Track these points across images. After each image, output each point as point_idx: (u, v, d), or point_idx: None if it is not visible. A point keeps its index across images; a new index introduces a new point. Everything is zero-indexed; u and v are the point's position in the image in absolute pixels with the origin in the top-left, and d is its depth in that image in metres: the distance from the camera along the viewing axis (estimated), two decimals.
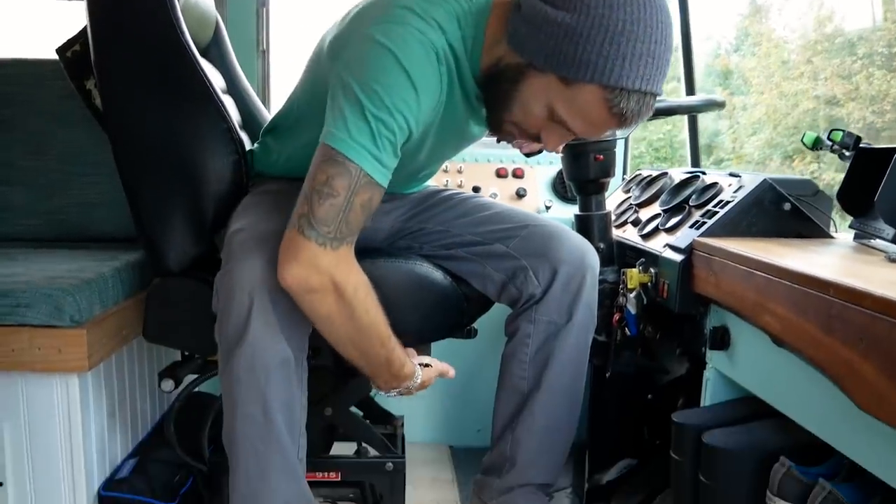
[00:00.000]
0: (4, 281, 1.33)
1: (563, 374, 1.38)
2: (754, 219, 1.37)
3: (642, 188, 1.88)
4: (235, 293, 1.12)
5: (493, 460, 1.44)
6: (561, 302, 1.35)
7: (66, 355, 1.28)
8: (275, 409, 1.14)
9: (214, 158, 1.38)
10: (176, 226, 1.38)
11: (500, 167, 2.22)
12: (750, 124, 5.51)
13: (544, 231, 1.39)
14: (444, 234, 1.45)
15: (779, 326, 1.06)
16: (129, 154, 1.36)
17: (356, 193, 1.07)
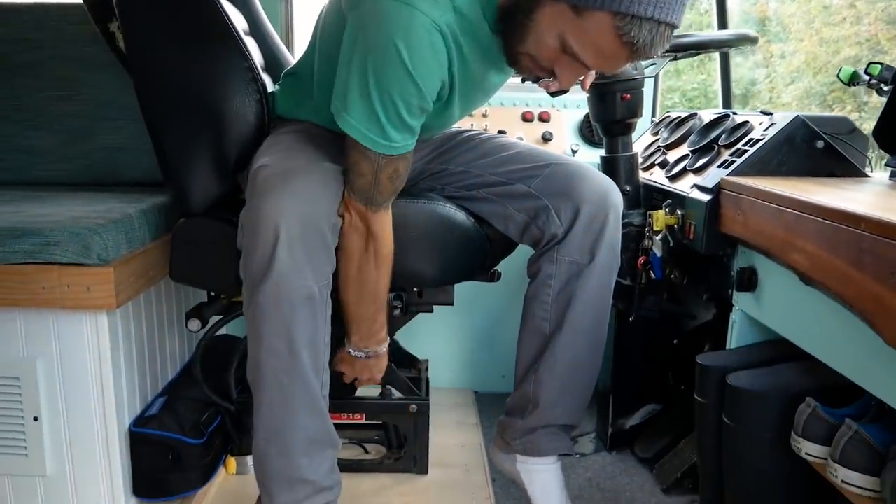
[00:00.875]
0: (34, 220, 1.35)
1: (586, 314, 1.37)
2: (785, 157, 1.34)
3: (671, 130, 1.83)
4: (261, 228, 1.12)
5: (516, 401, 1.45)
6: (583, 242, 1.34)
7: (94, 293, 1.30)
8: (299, 344, 1.16)
9: (236, 99, 1.37)
10: (199, 166, 1.38)
11: (526, 111, 2.18)
12: (788, 73, 5.34)
13: (567, 170, 1.37)
14: (466, 174, 1.43)
15: (807, 264, 1.04)
16: (153, 95, 1.36)
17: (380, 171, 1.19)
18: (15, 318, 1.35)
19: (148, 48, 1.34)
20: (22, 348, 1.36)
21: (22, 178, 1.85)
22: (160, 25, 1.32)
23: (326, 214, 1.17)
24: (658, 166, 1.72)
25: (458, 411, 2.08)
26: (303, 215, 1.12)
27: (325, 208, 1.17)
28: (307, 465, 1.22)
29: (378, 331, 1.36)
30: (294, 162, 1.21)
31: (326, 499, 1.25)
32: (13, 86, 1.84)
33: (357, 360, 1.38)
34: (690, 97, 5.35)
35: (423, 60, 1.11)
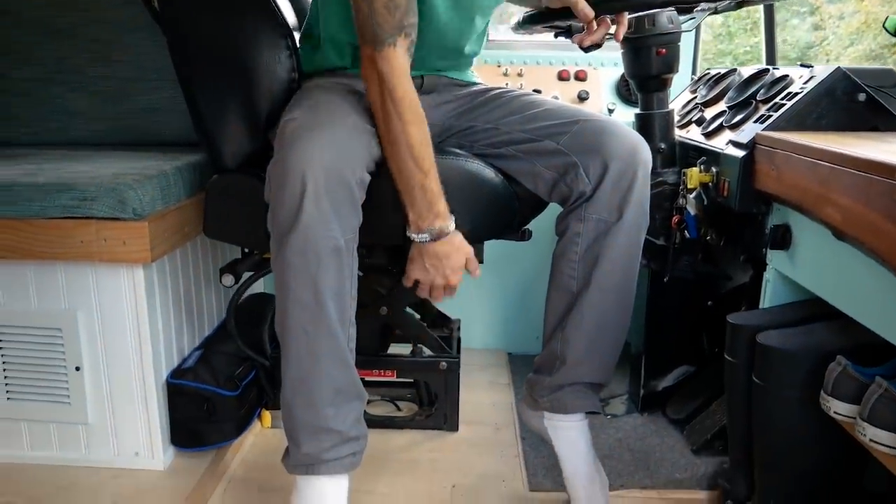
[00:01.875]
0: (72, 176, 1.39)
1: (614, 272, 1.34)
2: (825, 111, 1.29)
3: (709, 87, 1.78)
4: (287, 180, 1.12)
5: (544, 359, 1.44)
6: (611, 199, 1.31)
7: (130, 247, 1.34)
8: (325, 295, 1.16)
9: (267, 55, 1.38)
10: (232, 123, 1.40)
11: (562, 69, 2.14)
12: (847, 35, 5.14)
13: (596, 126, 1.34)
14: (494, 132, 1.42)
15: (841, 218, 1.01)
16: (186, 53, 1.38)
17: None
18: (56, 271, 1.40)
19: (181, 5, 1.35)
20: (63, 300, 1.42)
21: (61, 139, 1.91)
22: None
23: (353, 168, 1.16)
24: (695, 124, 1.68)
25: (490, 371, 2.09)
26: (329, 168, 1.12)
27: (352, 162, 1.17)
28: (333, 415, 1.23)
29: (433, 201, 1.24)
30: (321, 116, 1.21)
31: (352, 449, 1.26)
32: (53, 49, 1.88)
33: (425, 251, 1.28)
34: (742, 61, 5.19)
35: None
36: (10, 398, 1.48)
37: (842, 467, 1.19)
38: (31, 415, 1.48)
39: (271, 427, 1.73)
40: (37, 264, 1.40)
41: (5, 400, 1.48)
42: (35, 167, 1.51)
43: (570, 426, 1.41)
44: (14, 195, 1.34)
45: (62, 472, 1.48)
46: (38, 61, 1.89)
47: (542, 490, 1.50)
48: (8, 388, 1.47)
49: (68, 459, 1.50)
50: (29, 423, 1.50)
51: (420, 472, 1.56)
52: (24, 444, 1.51)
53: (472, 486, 1.51)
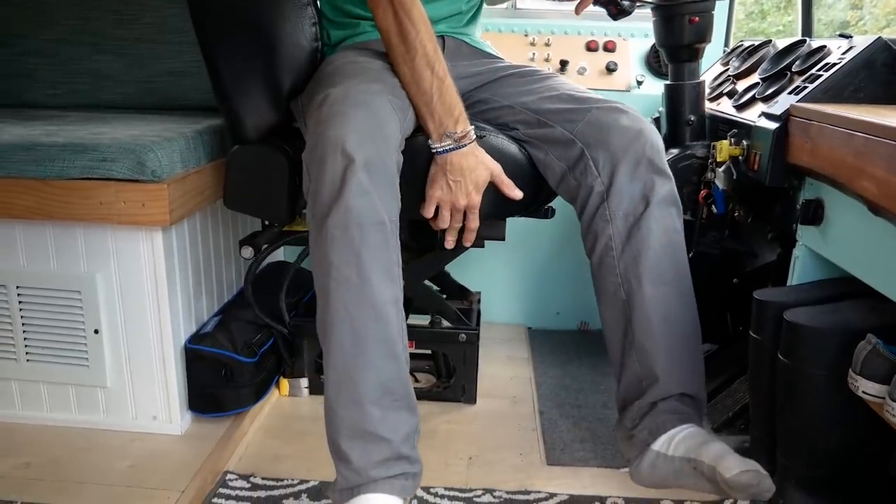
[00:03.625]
0: (92, 138, 1.39)
1: (660, 263, 1.24)
2: (863, 83, 1.24)
3: (742, 59, 1.73)
4: (328, 158, 1.08)
5: (626, 388, 1.27)
6: (631, 190, 1.24)
7: (149, 209, 1.33)
8: (369, 269, 1.08)
9: (290, 25, 1.36)
10: (253, 93, 1.37)
11: (590, 40, 2.09)
12: (884, 15, 4.99)
13: (606, 115, 1.28)
14: (509, 110, 1.38)
15: (876, 191, 0.97)
16: (206, 19, 1.35)
17: None
18: (76, 234, 1.40)
19: None
20: (83, 263, 1.42)
21: (88, 101, 1.91)
22: None
23: (390, 150, 1.12)
24: (726, 96, 1.63)
25: (509, 345, 2.08)
26: (369, 151, 1.08)
27: (389, 143, 1.13)
28: (380, 418, 1.10)
29: (452, 103, 1.23)
30: (356, 94, 1.16)
31: (404, 468, 1.12)
32: (81, 10, 1.88)
33: (448, 163, 1.24)
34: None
35: None
36: (29, 360, 1.49)
37: (867, 449, 1.15)
38: (50, 377, 1.49)
39: (289, 395, 1.73)
40: (56, 225, 1.40)
41: (25, 361, 1.49)
42: (56, 128, 1.51)
43: (680, 437, 1.19)
44: (35, 154, 1.34)
45: (80, 434, 1.49)
46: (64, 23, 1.89)
47: (560, 464, 1.48)
48: (28, 350, 1.48)
49: (87, 422, 1.51)
50: (48, 385, 1.51)
51: (437, 444, 1.55)
52: (44, 406, 1.52)
53: (489, 458, 1.50)
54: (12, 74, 1.92)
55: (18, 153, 1.34)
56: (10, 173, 1.34)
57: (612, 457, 1.50)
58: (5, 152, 1.34)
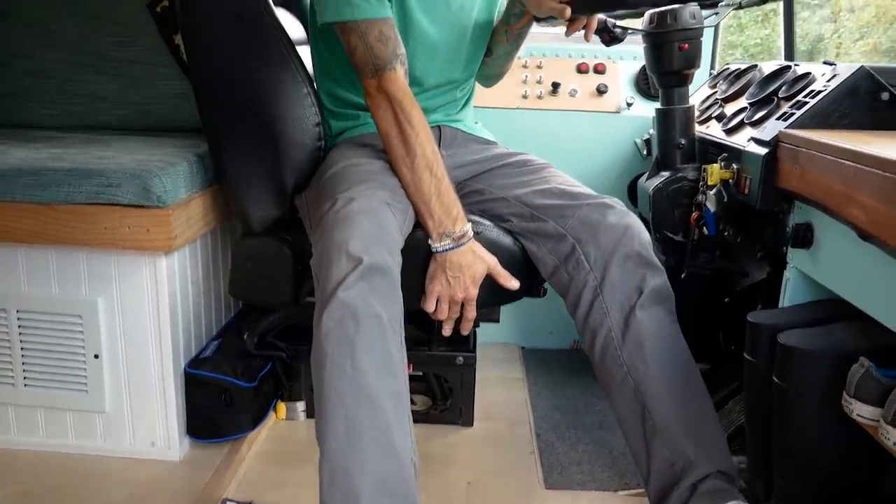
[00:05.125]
0: (98, 163, 1.40)
1: (663, 348, 1.27)
2: (848, 109, 1.28)
3: (729, 82, 1.77)
4: (334, 259, 1.12)
5: (659, 475, 1.25)
6: (625, 283, 1.29)
7: (153, 234, 1.35)
8: (364, 361, 1.08)
9: (295, 126, 1.40)
10: (258, 189, 1.42)
11: (581, 62, 2.13)
12: (857, 28, 5.10)
13: (595, 210, 1.33)
14: (503, 202, 1.42)
15: (865, 218, 1.00)
16: (213, 112, 1.40)
17: (365, 36, 1.29)
18: (79, 259, 1.41)
19: (209, 67, 1.38)
20: (85, 288, 1.43)
21: (86, 122, 1.92)
22: (221, 44, 1.36)
23: (392, 252, 1.17)
24: (715, 119, 1.67)
25: (504, 366, 2.10)
26: (372, 253, 1.12)
27: (392, 246, 1.18)
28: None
29: (450, 204, 1.29)
30: (359, 199, 1.21)
31: None
32: (77, 32, 1.89)
33: (447, 261, 1.29)
34: (753, 53, 5.14)
35: None
36: (27, 385, 1.49)
37: (863, 470, 1.18)
38: (48, 402, 1.49)
39: (286, 419, 1.74)
40: (59, 250, 1.41)
41: (23, 386, 1.49)
42: (60, 151, 1.52)
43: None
44: (41, 179, 1.35)
45: (78, 460, 1.49)
46: (61, 43, 1.90)
47: (559, 488, 1.50)
48: (26, 375, 1.48)
49: (84, 448, 1.51)
50: (46, 410, 1.51)
51: (435, 468, 1.56)
52: (41, 432, 1.52)
53: (488, 483, 1.52)
54: (9, 94, 1.93)
55: (24, 177, 1.35)
56: (15, 198, 1.35)
57: (609, 480, 1.53)
58: (11, 177, 1.35)
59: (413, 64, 1.40)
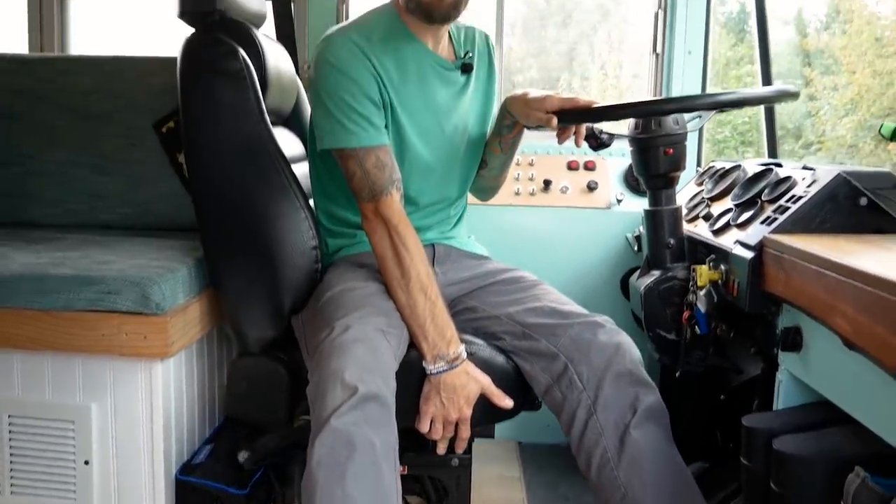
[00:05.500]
0: (98, 268, 1.42)
1: (658, 466, 1.29)
2: (828, 214, 1.32)
3: (715, 181, 1.83)
4: (329, 388, 1.16)
5: None
6: (619, 402, 1.31)
7: (150, 342, 1.36)
8: (354, 489, 1.10)
9: (293, 247, 1.46)
10: (255, 310, 1.46)
11: (571, 160, 2.20)
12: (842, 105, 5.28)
13: (587, 329, 1.37)
14: (496, 320, 1.46)
15: (849, 328, 1.02)
16: (213, 236, 1.46)
17: (363, 163, 1.36)
18: (75, 364, 1.41)
19: (210, 186, 1.43)
20: (79, 394, 1.42)
21: (85, 221, 1.94)
22: (223, 168, 1.42)
23: (387, 380, 1.21)
24: (702, 219, 1.71)
25: (500, 463, 2.07)
26: (367, 382, 1.15)
27: (386, 374, 1.21)
28: None
29: (444, 326, 1.33)
30: (355, 327, 1.24)
31: None
32: (85, 132, 1.93)
33: (441, 383, 1.32)
34: (741, 130, 5.29)
35: (346, 57, 1.36)
36: (13, 492, 1.46)
37: None
38: None
39: None
40: (55, 356, 1.42)
41: (9, 493, 1.45)
42: (62, 255, 1.54)
43: None
44: (43, 286, 1.36)
45: None
46: (69, 144, 1.94)
47: None
48: (13, 482, 1.45)
49: None
50: None
51: None
52: None
53: None
54: (14, 193, 1.96)
55: (25, 284, 1.37)
56: (16, 305, 1.37)
57: None
58: (13, 284, 1.37)
59: (408, 185, 1.45)
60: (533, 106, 1.41)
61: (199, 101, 1.41)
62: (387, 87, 1.41)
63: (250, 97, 1.42)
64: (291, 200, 1.43)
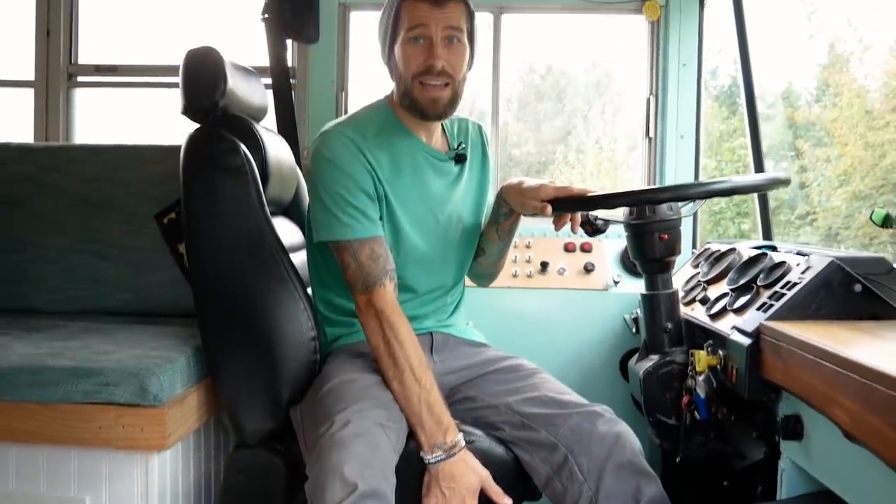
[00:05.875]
0: (97, 359, 1.42)
1: None
2: (823, 301, 1.33)
3: (710, 264, 1.85)
4: (328, 484, 1.17)
5: None
6: (620, 492, 1.32)
7: (147, 434, 1.35)
8: None
9: (291, 338, 1.48)
10: (254, 403, 1.48)
11: (567, 242, 2.23)
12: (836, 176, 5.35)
13: (586, 420, 1.38)
14: (495, 410, 1.47)
15: (848, 420, 1.03)
16: (212, 327, 1.49)
17: (359, 255, 1.40)
18: (70, 457, 1.40)
19: (210, 278, 1.47)
20: (73, 486, 1.40)
21: (87, 307, 1.95)
22: (224, 259, 1.45)
23: (386, 475, 1.22)
24: (699, 302, 1.73)
25: None
26: (367, 477, 1.17)
27: (386, 469, 1.23)
28: None
29: (440, 414, 1.34)
30: (354, 422, 1.26)
31: None
32: (86, 220, 1.96)
33: (440, 473, 1.32)
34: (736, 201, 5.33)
35: (342, 152, 1.42)
36: None
37: None
38: None
39: None
40: (51, 448, 1.40)
41: None
42: (61, 345, 1.54)
43: None
44: (41, 378, 1.37)
45: None
46: (71, 231, 1.96)
47: None
48: None
49: None
50: None
51: None
52: None
53: None
54: (16, 280, 1.97)
55: (24, 376, 1.37)
56: (13, 398, 1.36)
57: None
58: (11, 376, 1.37)
59: (405, 274, 1.48)
60: (528, 195, 1.45)
61: (201, 195, 1.45)
62: (381, 180, 1.45)
63: (251, 191, 1.45)
64: (290, 291, 1.45)
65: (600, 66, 4.87)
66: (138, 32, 2.79)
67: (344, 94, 2.46)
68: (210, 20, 2.71)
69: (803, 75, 5.76)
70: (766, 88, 5.54)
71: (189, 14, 2.73)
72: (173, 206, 1.88)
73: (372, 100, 1.58)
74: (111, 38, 2.76)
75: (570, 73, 5.72)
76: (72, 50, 2.68)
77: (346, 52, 2.48)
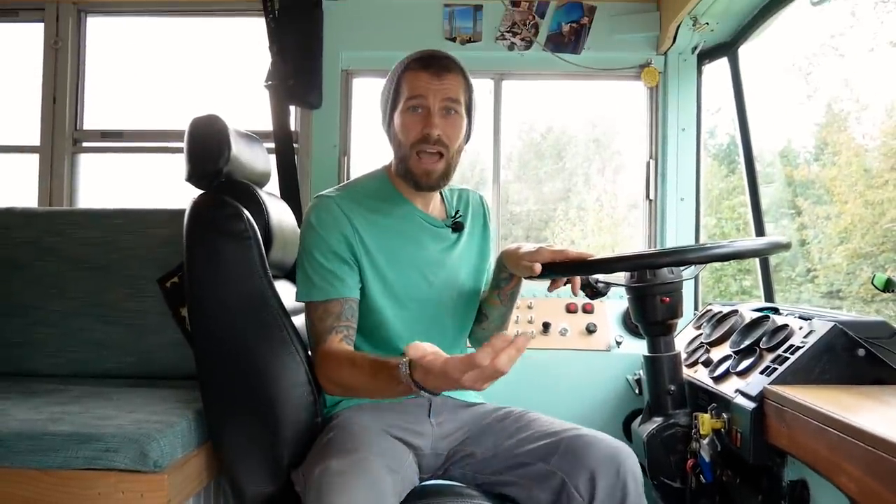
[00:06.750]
0: (97, 425, 1.40)
1: None
2: (827, 366, 1.34)
3: (713, 325, 1.85)
4: None
5: None
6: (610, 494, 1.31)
7: (147, 499, 1.33)
8: None
9: (293, 402, 1.47)
10: (255, 466, 1.46)
11: (569, 302, 2.24)
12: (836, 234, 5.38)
13: (578, 441, 1.38)
14: (493, 459, 1.47)
15: (855, 488, 1.02)
16: (214, 391, 1.48)
17: (314, 313, 1.49)
18: None
19: (212, 342, 1.47)
20: None
21: (88, 371, 1.94)
22: (226, 323, 1.46)
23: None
24: (702, 364, 1.72)
25: None
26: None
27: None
28: None
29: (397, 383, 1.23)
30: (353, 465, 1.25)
31: None
32: (90, 284, 1.97)
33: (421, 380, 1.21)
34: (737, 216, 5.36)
35: (325, 218, 1.49)
36: None
37: None
38: None
39: None
40: None
41: None
42: (61, 410, 1.53)
43: None
44: (41, 444, 1.35)
45: None
46: (72, 295, 1.98)
47: None
48: None
49: None
50: None
51: None
52: None
53: None
54: (18, 343, 1.97)
55: (24, 442, 1.35)
56: (13, 464, 1.35)
57: None
58: (10, 442, 1.35)
59: (398, 338, 1.50)
60: (525, 259, 1.46)
61: (204, 260, 1.46)
62: (366, 245, 1.50)
63: (253, 255, 1.47)
64: (292, 354, 1.45)
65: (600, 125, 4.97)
66: (143, 98, 2.84)
67: (346, 159, 2.50)
68: (214, 85, 2.77)
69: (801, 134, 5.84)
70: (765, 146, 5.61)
71: (193, 80, 2.79)
72: (176, 270, 1.90)
73: (373, 165, 1.62)
74: (116, 104, 2.81)
75: (569, 132, 5.82)
76: (77, 116, 2.74)
77: (348, 118, 2.54)
